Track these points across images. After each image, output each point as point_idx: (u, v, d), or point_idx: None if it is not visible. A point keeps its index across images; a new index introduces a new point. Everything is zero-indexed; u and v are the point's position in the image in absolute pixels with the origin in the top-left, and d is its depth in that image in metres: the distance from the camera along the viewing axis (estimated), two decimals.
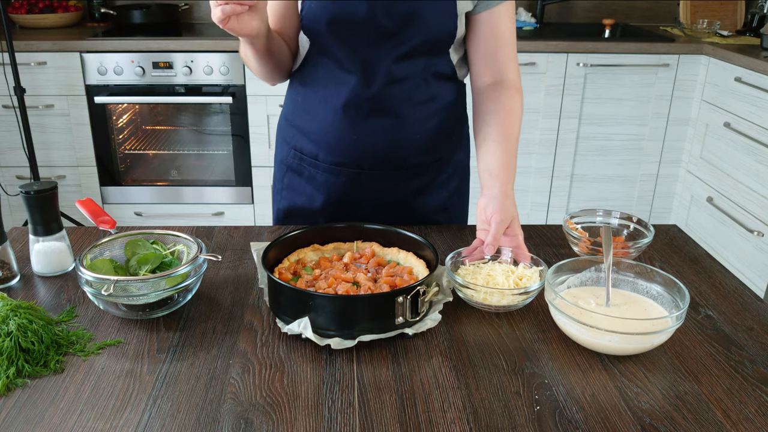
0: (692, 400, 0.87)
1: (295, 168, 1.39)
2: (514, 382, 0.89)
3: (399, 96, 1.26)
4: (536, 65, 2.98)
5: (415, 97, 1.27)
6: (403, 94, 1.26)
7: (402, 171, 1.34)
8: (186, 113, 3.12)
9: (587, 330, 0.93)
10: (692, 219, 3.12)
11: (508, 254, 1.13)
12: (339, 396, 0.86)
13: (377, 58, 1.23)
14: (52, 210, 1.13)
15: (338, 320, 0.96)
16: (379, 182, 1.34)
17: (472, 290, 1.04)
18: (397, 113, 1.28)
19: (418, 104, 1.28)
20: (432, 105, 1.30)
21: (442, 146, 1.36)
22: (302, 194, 1.39)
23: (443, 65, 1.29)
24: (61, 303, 1.07)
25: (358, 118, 1.27)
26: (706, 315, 1.07)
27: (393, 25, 1.20)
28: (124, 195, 3.18)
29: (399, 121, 1.28)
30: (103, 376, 0.90)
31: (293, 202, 1.41)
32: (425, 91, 1.28)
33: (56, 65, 2.93)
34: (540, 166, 3.16)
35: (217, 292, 1.11)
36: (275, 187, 1.46)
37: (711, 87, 2.95)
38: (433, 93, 1.29)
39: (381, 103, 1.26)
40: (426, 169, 1.36)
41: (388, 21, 1.19)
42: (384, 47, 1.22)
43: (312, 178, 1.37)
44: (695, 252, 1.29)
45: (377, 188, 1.35)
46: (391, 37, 1.21)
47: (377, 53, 1.23)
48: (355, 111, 1.27)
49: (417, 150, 1.33)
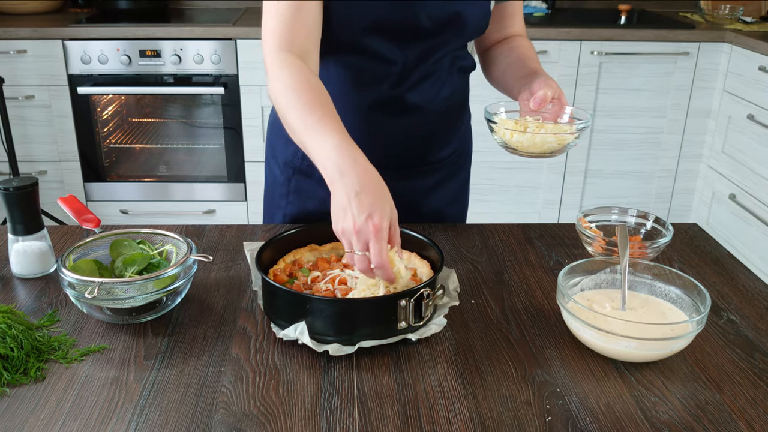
0: (714, 410, 0.87)
1: (304, 170, 1.38)
2: (524, 391, 0.89)
3: (427, 93, 1.30)
4: (547, 53, 2.98)
5: (441, 93, 1.32)
6: (431, 91, 1.30)
7: (426, 167, 1.39)
8: (175, 105, 3.12)
9: (602, 335, 0.93)
10: (713, 217, 3.12)
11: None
12: (338, 406, 0.86)
13: (410, 57, 1.26)
14: (33, 208, 1.13)
15: (337, 325, 0.96)
16: (400, 181, 1.36)
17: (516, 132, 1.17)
18: (424, 110, 1.31)
19: (443, 99, 1.33)
20: (454, 99, 1.36)
21: (457, 137, 1.43)
22: (314, 198, 1.39)
23: (465, 59, 1.35)
24: (42, 307, 1.07)
25: (384, 118, 1.30)
26: (729, 319, 1.07)
27: (433, 27, 1.23)
28: (109, 192, 3.19)
29: (425, 118, 1.32)
30: (86, 384, 0.90)
31: (303, 206, 1.41)
32: (449, 86, 1.33)
33: (37, 53, 2.93)
34: (551, 161, 3.16)
35: (208, 295, 1.11)
36: (277, 189, 1.44)
37: (733, 77, 2.95)
38: (455, 87, 1.35)
39: (409, 100, 1.29)
40: (446, 162, 1.42)
41: (429, 22, 1.22)
42: (419, 47, 1.25)
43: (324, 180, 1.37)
44: (717, 252, 1.29)
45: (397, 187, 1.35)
46: (428, 38, 1.25)
47: (411, 53, 1.25)
48: (381, 111, 1.29)
49: (441, 144, 1.39)
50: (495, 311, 1.08)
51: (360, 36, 1.22)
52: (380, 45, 1.23)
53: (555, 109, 1.21)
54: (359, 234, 0.95)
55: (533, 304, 1.10)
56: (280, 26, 1.15)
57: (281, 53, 1.14)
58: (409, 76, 1.27)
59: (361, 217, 0.96)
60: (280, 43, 1.14)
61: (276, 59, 1.14)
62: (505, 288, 1.15)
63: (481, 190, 3.19)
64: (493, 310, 1.08)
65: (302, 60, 1.14)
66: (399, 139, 1.33)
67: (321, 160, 1.03)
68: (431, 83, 1.30)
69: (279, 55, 1.14)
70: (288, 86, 1.10)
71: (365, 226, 0.95)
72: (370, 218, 0.95)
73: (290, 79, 1.10)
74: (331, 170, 1.01)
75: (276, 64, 1.13)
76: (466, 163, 1.50)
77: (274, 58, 1.14)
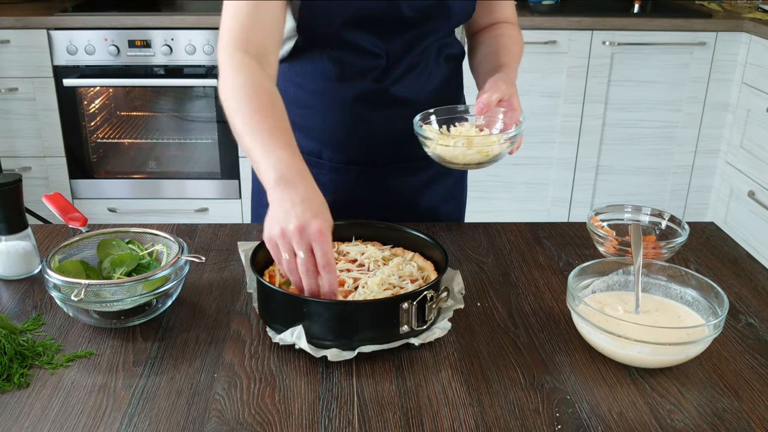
0: (732, 418, 0.87)
1: None
2: (532, 398, 0.89)
3: (414, 84, 1.30)
4: (557, 44, 2.98)
5: (429, 83, 1.32)
6: (418, 81, 1.31)
7: (418, 162, 1.38)
8: (166, 97, 3.12)
9: (614, 340, 0.93)
10: (731, 216, 3.12)
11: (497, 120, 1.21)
12: (337, 414, 0.86)
13: (395, 49, 1.26)
14: (16, 206, 1.13)
15: (336, 329, 0.96)
16: (391, 177, 1.38)
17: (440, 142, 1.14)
18: (411, 101, 1.31)
19: (432, 90, 1.33)
20: (444, 89, 1.36)
21: None
22: None
23: (453, 46, 1.35)
24: (26, 310, 1.08)
25: (371, 111, 1.30)
26: (747, 323, 1.07)
27: (416, 16, 1.23)
28: (96, 189, 3.19)
29: (414, 110, 1.31)
30: (72, 391, 0.90)
31: None
32: (437, 76, 1.33)
33: (20, 44, 2.93)
34: (561, 156, 3.16)
35: (201, 298, 1.11)
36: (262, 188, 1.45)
37: (752, 68, 2.95)
38: (444, 76, 1.35)
39: (396, 92, 1.30)
40: None
41: (411, 12, 1.22)
42: (403, 38, 1.26)
43: (314, 178, 1.37)
44: (735, 252, 1.29)
45: (388, 184, 1.39)
46: (412, 28, 1.25)
47: (395, 45, 1.26)
48: (367, 104, 1.30)
49: None
50: (502, 314, 1.08)
51: (341, 30, 1.23)
52: (362, 38, 1.24)
53: (507, 115, 1.19)
54: (302, 233, 0.94)
55: (542, 307, 1.10)
56: (238, 26, 1.14)
57: (237, 54, 1.13)
58: (395, 68, 1.27)
59: (305, 216, 0.94)
60: (236, 42, 1.13)
61: (231, 60, 1.13)
62: (513, 290, 1.15)
63: (486, 187, 3.19)
64: (499, 314, 1.08)
65: (259, 62, 1.13)
66: (387, 134, 1.33)
67: (264, 170, 1.02)
68: (418, 74, 1.30)
69: (235, 56, 1.13)
70: (240, 89, 1.09)
71: (309, 227, 0.94)
72: (315, 219, 0.94)
73: (243, 82, 1.09)
74: (275, 179, 0.99)
75: (230, 64, 1.12)
76: None
77: (229, 58, 1.13)
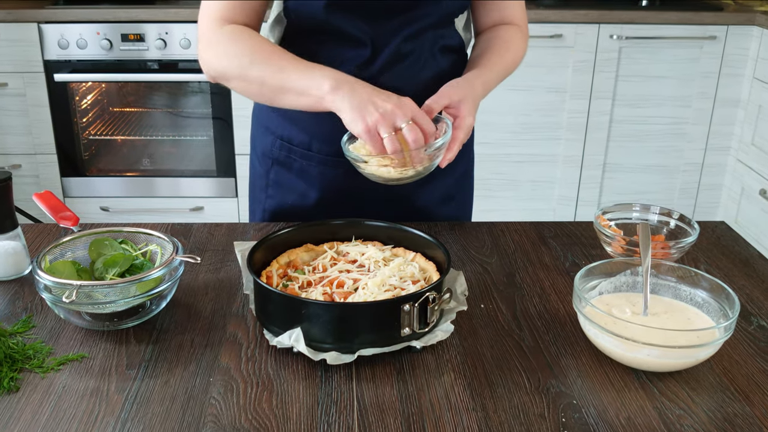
0: (743, 423, 0.87)
1: (283, 161, 1.39)
2: (537, 403, 0.89)
3: (405, 74, 1.29)
4: (563, 38, 2.98)
5: (422, 74, 1.30)
6: (409, 71, 1.29)
7: None
8: (160, 93, 3.12)
9: (622, 342, 0.93)
10: (742, 215, 3.12)
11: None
12: (336, 419, 0.86)
13: (383, 35, 1.25)
14: (6, 204, 1.13)
15: (335, 331, 0.96)
16: None
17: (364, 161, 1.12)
18: (401, 91, 1.28)
19: (425, 83, 1.31)
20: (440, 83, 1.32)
21: None
22: (293, 191, 1.40)
23: (450, 38, 1.34)
24: (16, 312, 1.08)
25: None
26: (759, 325, 1.07)
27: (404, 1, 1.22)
28: (88, 187, 3.19)
29: None
30: (64, 395, 0.90)
31: (283, 200, 1.42)
32: (431, 68, 1.31)
33: (10, 38, 2.93)
34: (567, 154, 3.16)
35: (196, 299, 1.11)
36: (257, 183, 1.46)
37: (764, 63, 2.94)
38: (439, 69, 1.33)
39: (386, 83, 1.27)
40: None
41: None
42: (391, 24, 1.25)
43: (304, 171, 1.38)
44: (746, 253, 1.29)
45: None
46: (400, 14, 1.24)
47: (383, 31, 1.25)
48: None
49: None
50: (506, 316, 1.08)
51: (322, 14, 1.22)
52: (345, 22, 1.23)
53: (440, 124, 1.17)
54: (402, 108, 1.05)
55: (548, 308, 1.10)
56: (222, 5, 1.19)
57: (225, 26, 1.18)
58: (381, 56, 1.26)
59: (392, 98, 1.06)
60: (220, 18, 1.19)
61: (220, 30, 1.18)
62: (518, 291, 1.15)
63: (490, 185, 3.19)
64: (504, 316, 1.08)
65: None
66: None
67: (316, 86, 1.08)
68: (409, 64, 1.28)
69: (223, 28, 1.18)
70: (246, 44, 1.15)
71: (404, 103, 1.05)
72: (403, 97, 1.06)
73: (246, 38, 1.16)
74: (331, 85, 1.07)
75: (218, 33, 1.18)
76: (464, 156, 1.46)
77: (215, 30, 1.18)
